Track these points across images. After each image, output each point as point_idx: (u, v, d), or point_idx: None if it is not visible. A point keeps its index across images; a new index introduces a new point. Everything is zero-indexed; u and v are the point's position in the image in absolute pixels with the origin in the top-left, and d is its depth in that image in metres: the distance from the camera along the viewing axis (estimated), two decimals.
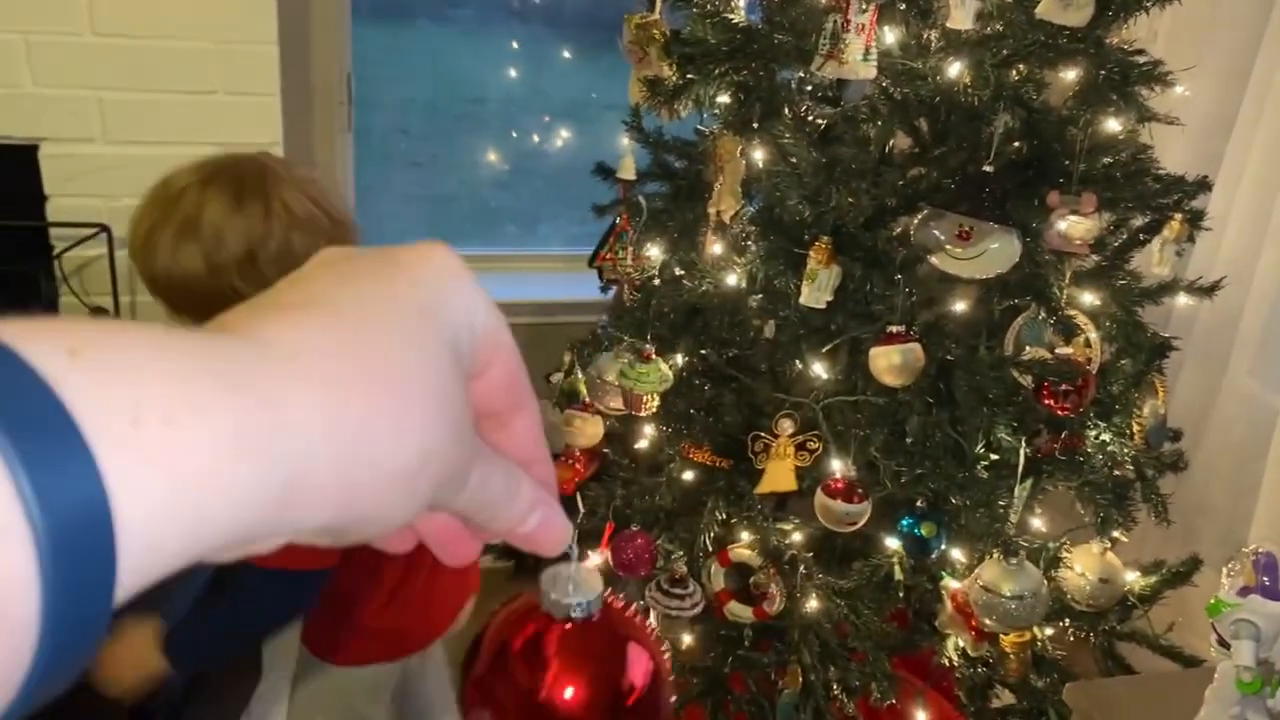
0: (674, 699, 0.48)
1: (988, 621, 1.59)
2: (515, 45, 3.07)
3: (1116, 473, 1.78)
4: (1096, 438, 1.77)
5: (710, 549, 1.74)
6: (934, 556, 1.66)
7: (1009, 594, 1.55)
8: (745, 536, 1.75)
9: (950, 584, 1.69)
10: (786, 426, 1.66)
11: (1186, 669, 1.80)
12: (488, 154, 3.10)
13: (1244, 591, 1.26)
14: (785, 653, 1.71)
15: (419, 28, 3.14)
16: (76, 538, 0.23)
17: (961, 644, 1.72)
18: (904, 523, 1.64)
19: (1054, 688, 1.78)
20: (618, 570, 1.77)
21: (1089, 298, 1.66)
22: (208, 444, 0.25)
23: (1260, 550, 1.26)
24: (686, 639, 1.82)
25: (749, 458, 1.74)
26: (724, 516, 1.75)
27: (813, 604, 1.72)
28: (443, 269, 0.33)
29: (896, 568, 1.67)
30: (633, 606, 0.53)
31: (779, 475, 1.69)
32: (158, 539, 0.25)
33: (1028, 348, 1.68)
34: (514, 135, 3.20)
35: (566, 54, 3.15)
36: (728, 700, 1.85)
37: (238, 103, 2.10)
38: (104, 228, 2.09)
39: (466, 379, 0.33)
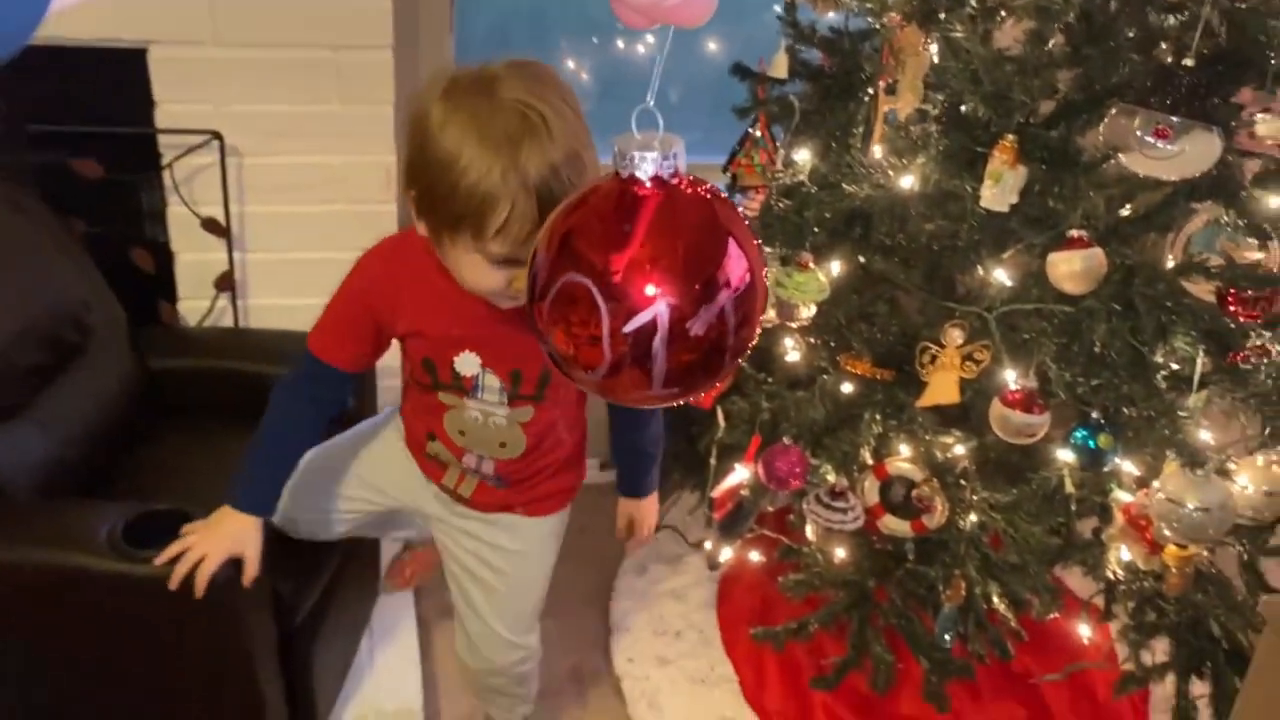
0: (758, 316, 0.42)
1: (1167, 534, 1.55)
2: None
3: None
4: (1263, 347, 1.71)
5: (868, 462, 1.70)
6: (1107, 469, 1.62)
7: (1194, 506, 1.51)
8: (903, 450, 1.70)
9: (1121, 497, 1.65)
10: (956, 336, 1.60)
11: None
12: (576, 60, 3.00)
13: None
14: (949, 566, 1.68)
15: None
16: None
17: (1125, 559, 1.69)
18: (1078, 434, 1.60)
19: (1214, 602, 1.75)
20: (769, 484, 1.74)
21: (1276, 201, 1.59)
22: None
23: None
24: (839, 553, 1.79)
25: (907, 369, 1.69)
26: (880, 430, 1.70)
27: (973, 517, 1.68)
28: None
29: (1067, 480, 1.63)
30: (739, 208, 0.46)
31: (943, 387, 1.64)
32: None
33: (1202, 253, 1.62)
34: (595, 41, 3.09)
35: None
36: (875, 614, 1.83)
37: (350, 1, 2.01)
38: (215, 135, 2.02)
39: None
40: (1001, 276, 1.58)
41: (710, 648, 2.23)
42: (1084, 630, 1.82)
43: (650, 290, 0.38)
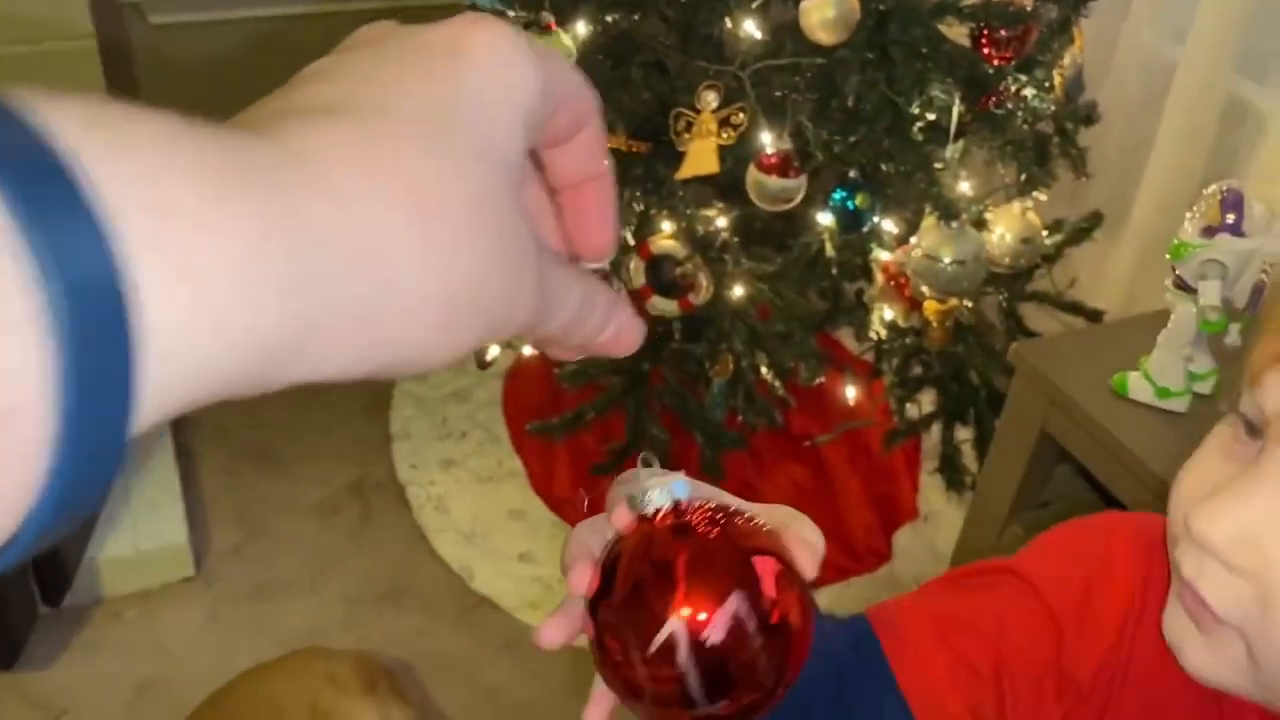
0: (811, 594, 0.45)
1: (924, 290, 1.54)
2: None
3: (1038, 128, 1.72)
4: (1018, 92, 1.68)
5: (630, 242, 1.62)
6: (866, 229, 1.58)
7: (949, 259, 1.50)
8: (666, 226, 1.62)
9: (881, 256, 1.62)
10: (710, 99, 1.50)
11: (1094, 322, 1.83)
12: None
13: (1208, 232, 1.23)
14: (715, 342, 1.64)
15: None
16: (99, 330, 0.20)
17: (888, 318, 1.69)
18: (836, 195, 1.55)
19: (974, 352, 1.79)
20: None
21: None
22: (235, 251, 0.22)
23: (1226, 188, 1.22)
24: None
25: (665, 140, 1.59)
26: (642, 207, 1.61)
27: (739, 290, 1.63)
28: (486, 51, 0.28)
29: (827, 244, 1.59)
30: (751, 517, 0.46)
31: (702, 156, 1.55)
32: (181, 352, 0.21)
33: None
34: None
35: None
36: (651, 397, 1.80)
37: None
38: None
39: (519, 188, 0.28)
40: (753, 30, 1.46)
41: (498, 445, 2.17)
42: (851, 391, 1.84)
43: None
